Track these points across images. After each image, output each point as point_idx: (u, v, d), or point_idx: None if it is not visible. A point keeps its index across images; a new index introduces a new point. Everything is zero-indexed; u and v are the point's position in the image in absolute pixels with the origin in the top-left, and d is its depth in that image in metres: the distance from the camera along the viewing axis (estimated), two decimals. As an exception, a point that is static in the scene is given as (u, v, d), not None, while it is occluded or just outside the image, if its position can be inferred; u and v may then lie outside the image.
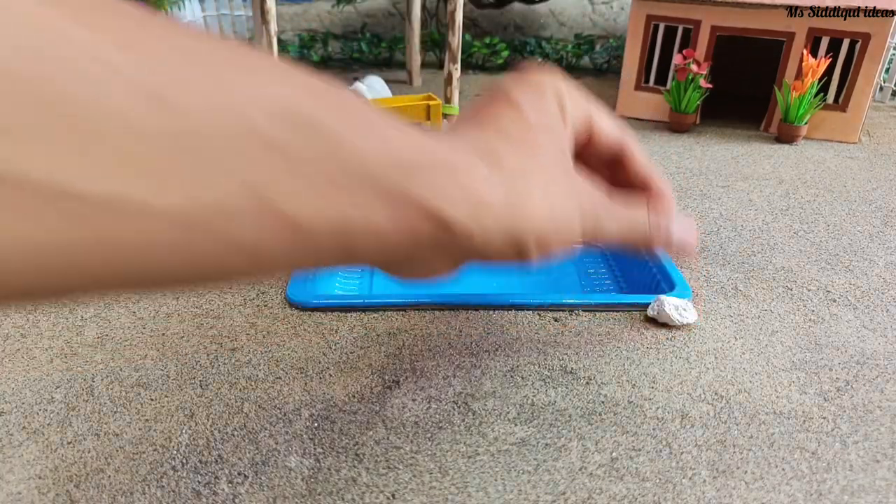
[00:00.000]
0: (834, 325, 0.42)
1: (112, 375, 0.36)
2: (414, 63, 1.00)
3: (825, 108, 0.78)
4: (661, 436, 0.32)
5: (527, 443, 0.32)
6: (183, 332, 0.40)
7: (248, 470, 0.30)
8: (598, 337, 0.40)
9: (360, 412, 0.34)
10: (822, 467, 0.31)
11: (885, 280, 0.48)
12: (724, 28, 0.78)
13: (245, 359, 0.38)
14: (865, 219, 0.58)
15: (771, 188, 0.64)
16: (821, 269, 0.49)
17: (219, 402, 0.34)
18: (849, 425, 0.33)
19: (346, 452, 0.31)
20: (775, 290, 0.46)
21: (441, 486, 0.29)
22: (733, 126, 0.84)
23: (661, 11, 0.81)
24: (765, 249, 0.52)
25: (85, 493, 0.29)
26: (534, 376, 0.36)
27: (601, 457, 0.31)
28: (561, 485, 0.29)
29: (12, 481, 0.29)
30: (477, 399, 0.35)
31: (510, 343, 0.39)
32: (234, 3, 1.22)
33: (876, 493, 0.29)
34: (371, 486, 0.29)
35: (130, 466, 0.30)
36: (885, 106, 0.96)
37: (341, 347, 0.39)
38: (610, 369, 0.37)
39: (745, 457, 0.31)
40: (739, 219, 0.57)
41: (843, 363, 0.38)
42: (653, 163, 0.35)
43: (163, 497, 0.29)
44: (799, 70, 0.76)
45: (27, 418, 0.33)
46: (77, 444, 0.31)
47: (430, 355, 0.38)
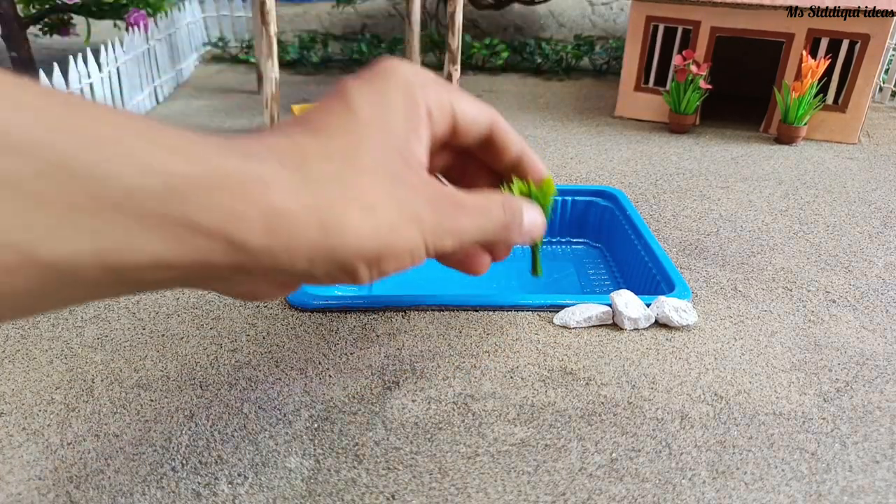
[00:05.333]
0: (833, 325, 0.42)
1: (112, 376, 0.36)
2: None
3: (825, 109, 0.78)
4: (660, 436, 0.32)
5: (526, 443, 0.32)
6: (183, 332, 0.40)
7: (248, 471, 0.30)
8: (598, 338, 0.40)
9: (359, 413, 0.34)
10: (822, 468, 0.31)
11: (884, 281, 0.48)
12: (723, 29, 0.78)
13: (245, 359, 0.38)
14: (865, 219, 0.58)
15: (770, 189, 0.65)
16: (820, 270, 0.49)
17: (219, 402, 0.34)
18: (848, 426, 0.34)
19: (346, 453, 0.31)
20: (775, 291, 0.46)
21: (441, 486, 0.29)
22: (733, 127, 0.84)
23: (661, 12, 0.81)
24: (764, 250, 0.52)
25: (85, 493, 0.29)
26: (533, 377, 0.36)
27: (601, 457, 0.31)
28: (561, 485, 0.29)
29: (12, 482, 0.29)
30: (477, 400, 0.35)
31: (510, 344, 0.39)
32: (234, 5, 1.22)
33: (875, 494, 0.29)
34: (371, 487, 0.29)
35: (130, 467, 0.30)
36: (884, 107, 0.96)
37: (341, 348, 0.39)
38: (610, 370, 0.37)
39: (745, 457, 0.31)
40: (739, 219, 0.57)
41: (842, 364, 0.38)
42: (525, 141, 0.33)
43: (163, 498, 0.29)
44: (798, 71, 0.76)
45: (27, 419, 0.33)
46: (77, 445, 0.31)
47: (430, 356, 0.38)
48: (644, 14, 0.82)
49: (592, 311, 0.41)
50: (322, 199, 0.22)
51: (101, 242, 0.17)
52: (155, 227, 0.18)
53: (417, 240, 0.25)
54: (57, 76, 0.65)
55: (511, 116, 0.87)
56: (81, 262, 0.17)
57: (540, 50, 1.12)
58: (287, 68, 1.11)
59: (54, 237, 0.17)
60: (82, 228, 0.17)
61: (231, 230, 0.20)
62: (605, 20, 1.37)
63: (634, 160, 0.72)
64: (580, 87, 1.04)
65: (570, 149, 0.75)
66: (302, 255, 0.22)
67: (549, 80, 1.07)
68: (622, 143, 0.77)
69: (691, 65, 0.78)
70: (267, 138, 0.23)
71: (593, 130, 0.82)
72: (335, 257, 0.23)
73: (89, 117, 0.18)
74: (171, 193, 0.18)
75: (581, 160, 0.71)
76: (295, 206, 0.21)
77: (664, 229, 0.55)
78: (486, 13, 1.34)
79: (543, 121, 0.86)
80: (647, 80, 0.85)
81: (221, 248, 0.20)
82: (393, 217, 0.24)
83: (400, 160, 0.25)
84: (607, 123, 0.85)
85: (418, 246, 0.25)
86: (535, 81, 1.07)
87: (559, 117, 0.87)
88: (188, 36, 1.09)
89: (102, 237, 0.17)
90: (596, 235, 0.56)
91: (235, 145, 0.21)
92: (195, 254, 0.19)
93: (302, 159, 0.22)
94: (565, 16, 1.36)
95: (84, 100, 0.19)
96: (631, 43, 0.84)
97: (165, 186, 0.18)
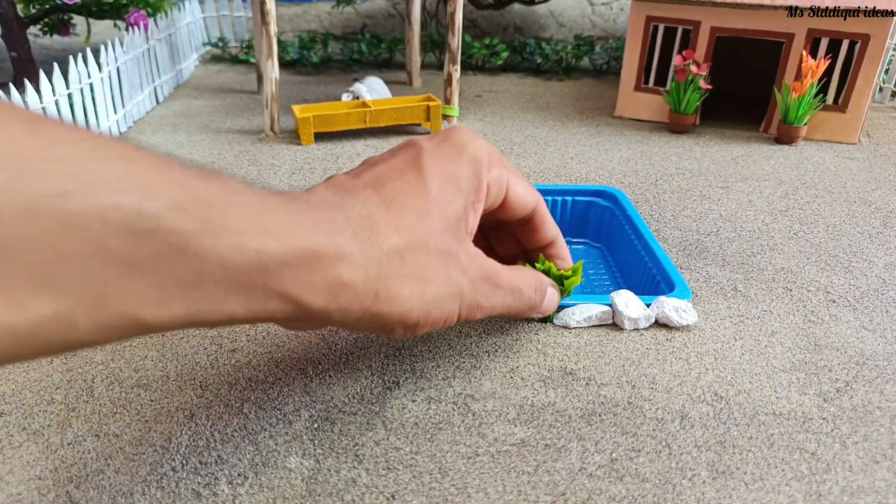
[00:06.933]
0: (833, 325, 0.42)
1: (112, 376, 0.36)
2: (414, 64, 1.00)
3: (825, 109, 0.78)
4: (660, 436, 0.32)
5: (526, 443, 0.32)
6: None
7: (248, 471, 0.30)
8: (598, 338, 0.40)
9: (359, 413, 0.34)
10: (822, 468, 0.31)
11: (884, 281, 0.48)
12: (723, 29, 0.78)
13: (245, 360, 0.38)
14: (865, 219, 0.58)
15: (770, 189, 0.65)
16: (820, 270, 0.49)
17: (219, 402, 0.34)
18: (848, 426, 0.34)
19: (346, 453, 0.31)
20: (775, 291, 0.46)
21: (441, 486, 0.29)
22: (733, 127, 0.84)
23: (661, 12, 0.81)
24: (764, 250, 0.52)
25: (85, 493, 0.29)
26: (533, 377, 0.36)
27: (601, 457, 0.31)
28: (561, 485, 0.29)
29: (12, 482, 0.29)
30: (477, 400, 0.35)
31: (510, 344, 0.39)
32: (234, 4, 1.22)
33: (875, 494, 0.29)
34: (371, 487, 0.29)
35: (130, 467, 0.30)
36: (884, 107, 0.96)
37: (341, 348, 0.39)
38: (610, 370, 0.37)
39: (745, 457, 0.31)
40: (739, 219, 0.57)
41: (842, 364, 0.38)
42: (558, 230, 0.38)
43: (163, 498, 0.29)
44: (798, 71, 0.76)
45: (27, 419, 0.33)
46: (77, 445, 0.31)
47: (430, 356, 0.38)
48: (644, 14, 0.82)
49: (592, 311, 0.41)
50: (383, 272, 0.25)
51: (193, 308, 0.20)
52: (239, 294, 0.21)
53: (454, 312, 0.29)
54: (57, 76, 0.65)
55: (511, 116, 0.87)
56: (173, 322, 0.20)
57: (540, 50, 1.12)
58: (287, 68, 1.11)
59: (158, 306, 0.19)
60: (183, 299, 0.19)
61: (301, 297, 0.22)
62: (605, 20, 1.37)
63: (634, 160, 0.72)
64: (580, 87, 1.04)
65: (570, 149, 0.75)
66: (352, 316, 0.25)
67: (548, 80, 1.07)
68: (622, 143, 0.77)
69: (691, 65, 0.78)
70: (347, 206, 0.25)
71: (593, 130, 0.82)
72: (379, 321, 0.26)
73: (210, 198, 0.20)
74: (259, 269, 0.21)
75: (581, 160, 0.71)
76: (359, 279, 0.24)
77: (664, 229, 0.55)
78: (486, 13, 1.34)
79: (543, 121, 0.86)
80: (647, 80, 0.85)
81: (289, 309, 0.22)
82: (441, 292, 0.27)
83: (454, 237, 0.28)
84: (607, 123, 0.85)
85: (453, 316, 0.29)
86: (535, 81, 1.07)
87: (559, 117, 0.87)
88: (188, 36, 1.09)
89: (195, 304, 0.20)
90: (596, 235, 0.56)
91: (320, 217, 0.24)
92: (265, 313, 0.22)
93: (375, 234, 0.25)
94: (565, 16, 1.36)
95: (211, 176, 0.21)
96: (631, 43, 0.84)
97: (257, 263, 0.21)
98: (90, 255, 0.17)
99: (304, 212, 0.23)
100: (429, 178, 0.28)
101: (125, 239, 0.17)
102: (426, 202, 0.27)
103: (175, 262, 0.19)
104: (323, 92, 0.98)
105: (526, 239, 0.38)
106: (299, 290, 0.22)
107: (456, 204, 0.29)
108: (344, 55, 1.14)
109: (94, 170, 0.17)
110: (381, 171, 0.28)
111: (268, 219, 0.21)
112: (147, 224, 0.18)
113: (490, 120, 0.86)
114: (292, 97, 0.94)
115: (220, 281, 0.20)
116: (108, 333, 0.18)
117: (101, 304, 0.18)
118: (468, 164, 0.30)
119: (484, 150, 0.31)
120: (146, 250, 0.18)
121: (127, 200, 0.17)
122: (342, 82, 1.03)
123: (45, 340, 0.17)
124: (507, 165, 0.33)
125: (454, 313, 0.28)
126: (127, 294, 0.18)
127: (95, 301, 0.17)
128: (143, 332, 0.19)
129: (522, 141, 0.78)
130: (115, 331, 0.18)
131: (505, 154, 0.73)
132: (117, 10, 0.96)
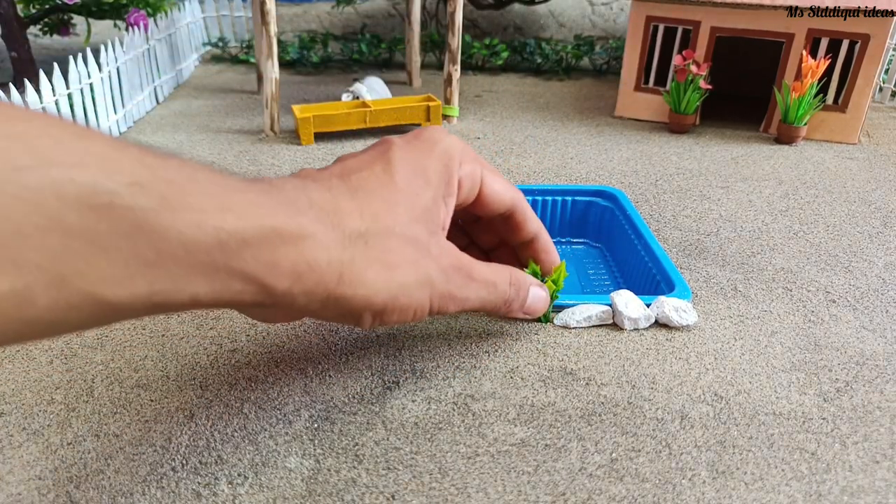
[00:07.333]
0: (833, 325, 0.42)
1: (112, 376, 0.36)
2: (414, 64, 1.00)
3: (825, 109, 0.78)
4: (660, 436, 0.32)
5: (526, 443, 0.32)
6: (183, 333, 0.40)
7: (248, 471, 0.30)
8: (598, 338, 0.40)
9: (359, 413, 0.34)
10: (822, 468, 0.31)
11: (884, 281, 0.48)
12: (723, 29, 0.78)
13: (245, 360, 0.38)
14: (865, 219, 0.58)
15: (770, 189, 0.65)
16: (820, 270, 0.49)
17: (219, 402, 0.34)
18: (848, 426, 0.34)
19: (346, 453, 0.31)
20: (775, 291, 0.46)
21: (441, 486, 0.29)
22: (733, 127, 0.84)
23: (661, 12, 0.81)
24: (764, 250, 0.52)
25: (85, 493, 0.29)
26: (533, 377, 0.36)
27: (601, 457, 0.31)
28: (561, 485, 0.29)
29: (12, 482, 0.29)
30: (477, 400, 0.35)
31: (510, 344, 0.39)
32: (234, 4, 1.22)
33: (875, 494, 0.29)
34: (371, 487, 0.29)
35: (130, 467, 0.30)
36: (884, 107, 0.96)
37: (341, 348, 0.39)
38: (610, 370, 0.37)
39: (745, 457, 0.31)
40: (739, 219, 0.57)
41: (842, 364, 0.38)
42: (541, 224, 0.37)
43: (163, 498, 0.29)
44: (798, 71, 0.76)
45: (27, 419, 0.33)
46: (77, 445, 0.31)
47: (430, 356, 0.38)
48: (644, 14, 0.82)
49: (592, 310, 0.41)
50: (346, 255, 0.25)
51: (155, 287, 0.20)
52: (201, 274, 0.20)
53: (424, 301, 0.28)
54: (57, 76, 0.65)
55: (511, 116, 0.87)
56: (135, 302, 0.19)
57: (540, 50, 1.12)
58: (287, 68, 1.11)
59: (119, 284, 0.19)
60: (144, 277, 0.19)
61: (264, 277, 0.22)
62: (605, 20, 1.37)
63: (634, 160, 0.72)
64: (580, 87, 1.04)
65: (570, 149, 0.75)
66: (317, 300, 0.24)
67: (548, 80, 1.07)
68: (622, 143, 0.77)
69: (691, 65, 0.78)
70: (311, 189, 0.25)
71: (593, 130, 0.82)
72: (344, 305, 0.25)
73: (169, 175, 0.20)
74: (220, 247, 0.21)
75: (581, 160, 0.71)
76: (323, 260, 0.24)
77: (664, 229, 0.55)
78: (486, 13, 1.34)
79: (543, 121, 0.86)
80: (647, 80, 0.85)
81: (253, 290, 0.22)
82: (408, 278, 0.27)
83: (424, 227, 0.28)
84: (607, 123, 0.85)
85: (423, 306, 0.28)
86: (535, 81, 1.07)
87: (559, 117, 0.87)
88: (188, 36, 1.09)
89: (157, 283, 0.20)
90: (596, 235, 0.56)
91: (282, 198, 0.24)
92: (229, 295, 0.22)
93: (338, 217, 0.25)
94: (565, 16, 1.36)
95: (168, 156, 0.21)
96: (631, 43, 0.84)
97: (217, 241, 0.20)
98: (47, 230, 0.17)
99: (265, 192, 0.23)
100: (396, 170, 0.28)
101: (82, 214, 0.17)
102: (392, 192, 0.27)
103: (135, 239, 0.18)
104: (323, 92, 0.98)
105: (508, 235, 0.37)
106: (261, 270, 0.22)
107: (424, 196, 0.28)
108: (344, 55, 1.14)
109: (49, 146, 0.17)
110: (349, 164, 0.28)
111: (229, 197, 0.21)
112: (103, 199, 0.18)
113: (490, 120, 0.86)
114: (292, 97, 0.94)
115: (181, 259, 0.20)
116: (68, 312, 0.18)
117: (60, 282, 0.17)
118: (438, 158, 0.30)
119: (456, 146, 0.31)
120: (104, 226, 0.18)
121: (82, 175, 0.17)
122: (342, 82, 1.03)
123: (2, 316, 0.17)
124: (481, 162, 0.33)
125: (424, 302, 0.28)
126: (87, 271, 0.18)
127: (54, 278, 0.17)
128: (108, 314, 0.19)
129: (522, 141, 0.78)
130: (76, 310, 0.18)
131: (505, 154, 0.73)
132: (117, 10, 0.96)
